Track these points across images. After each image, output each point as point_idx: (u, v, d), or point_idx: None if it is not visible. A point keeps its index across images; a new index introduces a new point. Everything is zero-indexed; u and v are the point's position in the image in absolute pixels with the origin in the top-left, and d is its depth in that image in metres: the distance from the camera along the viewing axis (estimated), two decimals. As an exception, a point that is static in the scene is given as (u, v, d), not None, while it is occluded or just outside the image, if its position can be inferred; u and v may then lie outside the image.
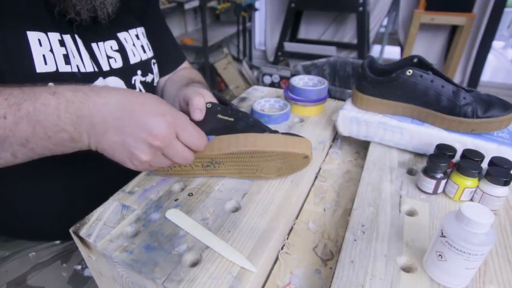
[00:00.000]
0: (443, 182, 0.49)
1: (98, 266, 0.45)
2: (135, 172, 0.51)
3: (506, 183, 0.45)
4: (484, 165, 0.50)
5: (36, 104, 0.37)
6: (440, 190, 0.50)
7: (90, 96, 0.39)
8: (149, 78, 0.67)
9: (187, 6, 2.18)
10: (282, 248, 0.47)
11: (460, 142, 0.55)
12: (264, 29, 3.18)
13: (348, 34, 2.84)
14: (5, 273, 0.57)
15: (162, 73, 0.74)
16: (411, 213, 0.48)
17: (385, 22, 2.75)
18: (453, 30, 2.44)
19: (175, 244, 0.41)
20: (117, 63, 0.60)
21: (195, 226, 0.44)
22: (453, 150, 0.51)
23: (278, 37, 2.70)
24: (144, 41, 0.67)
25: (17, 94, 0.37)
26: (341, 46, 2.74)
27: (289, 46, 2.67)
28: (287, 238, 0.49)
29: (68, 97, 0.38)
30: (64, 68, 0.51)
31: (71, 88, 0.39)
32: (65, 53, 0.51)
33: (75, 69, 0.52)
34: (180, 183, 0.52)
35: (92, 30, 0.56)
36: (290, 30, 2.74)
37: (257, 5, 2.88)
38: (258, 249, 0.41)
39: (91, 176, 0.60)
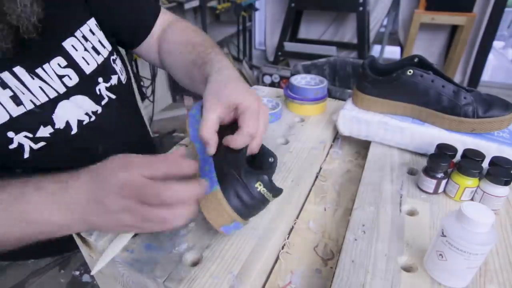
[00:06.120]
0: (444, 181, 0.49)
1: (98, 265, 0.45)
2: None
3: (506, 183, 0.45)
4: (485, 164, 0.50)
5: (24, 205, 0.36)
6: (440, 189, 0.50)
7: (69, 182, 0.37)
8: (114, 80, 0.60)
9: (187, 6, 2.18)
10: (282, 248, 0.47)
11: (461, 142, 0.55)
12: (264, 29, 3.18)
13: (348, 34, 2.83)
14: (4, 280, 0.57)
15: (139, 39, 0.66)
16: (411, 213, 0.48)
17: (385, 22, 2.75)
18: (453, 30, 2.44)
19: (176, 243, 0.41)
20: (72, 80, 0.53)
21: None
22: (453, 149, 0.51)
23: (278, 37, 2.70)
24: (95, 38, 0.58)
25: (5, 198, 0.37)
26: (341, 46, 2.74)
27: (289, 46, 2.67)
28: (288, 238, 0.49)
29: (51, 190, 0.37)
30: (17, 110, 0.46)
31: (54, 180, 0.38)
32: (12, 94, 0.46)
33: (30, 106, 0.48)
34: (180, 183, 0.52)
35: (30, 52, 0.48)
36: (290, 30, 2.74)
37: (257, 5, 2.87)
38: (258, 249, 0.41)
39: None
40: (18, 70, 0.47)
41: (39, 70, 0.49)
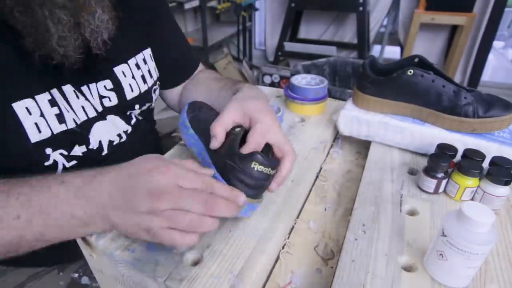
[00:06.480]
0: (444, 181, 0.49)
1: (99, 264, 0.45)
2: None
3: (507, 183, 0.45)
4: (485, 164, 0.50)
5: (46, 197, 0.37)
6: (441, 189, 0.50)
7: (96, 177, 0.38)
8: (145, 106, 0.62)
9: (187, 6, 2.18)
10: (283, 248, 0.47)
11: (461, 141, 0.55)
12: (264, 29, 3.18)
13: (348, 34, 2.83)
14: (4, 283, 0.57)
15: (175, 83, 0.70)
16: (412, 213, 0.48)
17: (385, 22, 2.75)
18: (453, 30, 2.44)
19: (177, 243, 0.41)
20: (112, 102, 0.55)
21: None
22: (454, 149, 0.51)
23: (278, 37, 2.70)
24: (146, 67, 0.60)
25: (27, 191, 0.37)
26: (341, 46, 2.74)
27: (289, 46, 2.67)
28: (288, 238, 0.49)
29: (76, 184, 0.37)
30: (59, 128, 0.48)
31: (79, 174, 0.39)
32: (58, 112, 0.47)
33: (71, 125, 0.49)
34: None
35: (83, 70, 0.48)
36: (290, 30, 2.74)
37: (257, 5, 2.87)
38: (259, 248, 0.41)
39: None
40: (67, 88, 0.48)
41: (84, 88, 0.51)
